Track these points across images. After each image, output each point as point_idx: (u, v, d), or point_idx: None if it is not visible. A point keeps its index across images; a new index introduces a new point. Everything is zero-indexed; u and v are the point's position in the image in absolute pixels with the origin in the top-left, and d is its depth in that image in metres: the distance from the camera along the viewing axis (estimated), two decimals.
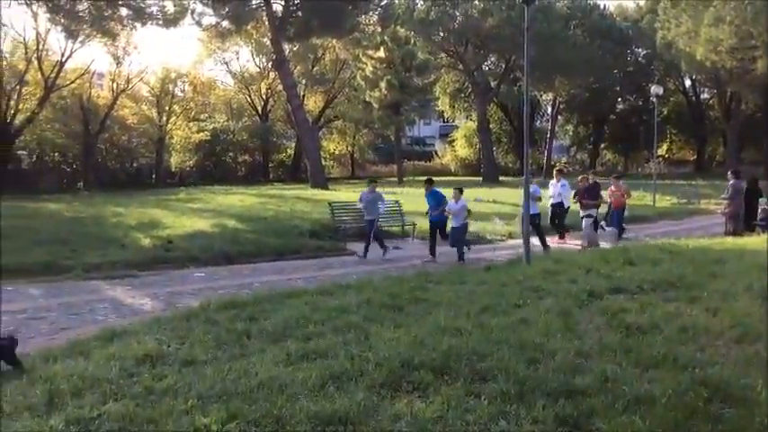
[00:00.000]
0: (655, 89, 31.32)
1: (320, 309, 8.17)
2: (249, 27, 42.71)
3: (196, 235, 16.77)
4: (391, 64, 44.27)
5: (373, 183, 16.40)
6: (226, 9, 37.39)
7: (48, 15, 35.70)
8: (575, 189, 18.01)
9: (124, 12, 36.12)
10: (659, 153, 55.60)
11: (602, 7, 57.27)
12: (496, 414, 4.78)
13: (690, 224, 22.97)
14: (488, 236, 18.64)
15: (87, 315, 9.44)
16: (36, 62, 40.27)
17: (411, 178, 49.09)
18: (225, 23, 39.43)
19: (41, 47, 40.45)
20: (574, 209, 18.02)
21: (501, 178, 50.09)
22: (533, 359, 5.94)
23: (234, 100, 58.38)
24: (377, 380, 5.42)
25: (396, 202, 19.42)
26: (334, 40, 48.45)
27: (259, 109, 58.01)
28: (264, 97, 57.89)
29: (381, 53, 44.16)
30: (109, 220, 19.01)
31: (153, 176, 49.39)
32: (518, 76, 55.58)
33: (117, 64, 45.05)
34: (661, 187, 32.21)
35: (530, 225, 14.06)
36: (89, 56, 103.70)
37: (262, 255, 15.08)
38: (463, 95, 61.15)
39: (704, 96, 64.20)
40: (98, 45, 40.47)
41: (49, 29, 39.07)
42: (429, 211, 15.46)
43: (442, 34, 50.64)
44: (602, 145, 68.35)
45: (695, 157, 63.98)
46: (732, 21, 37.34)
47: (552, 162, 62.28)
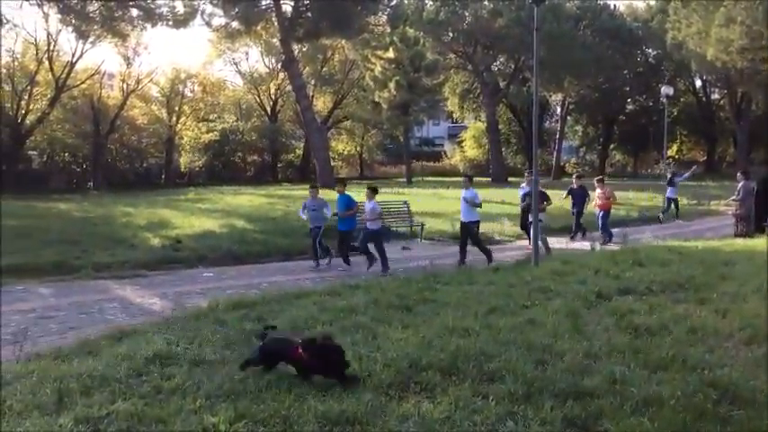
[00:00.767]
0: (665, 89, 31.23)
1: (328, 309, 8.18)
2: (258, 28, 42.74)
3: (205, 235, 16.83)
4: (400, 64, 44.20)
5: (314, 188, 14.96)
6: (235, 10, 37.47)
7: (59, 16, 35.94)
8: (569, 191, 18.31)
9: (134, 12, 36.32)
10: (669, 154, 55.34)
11: (611, 7, 57.09)
12: (504, 415, 4.78)
13: (700, 225, 22.84)
14: (497, 236, 18.60)
15: (96, 314, 9.48)
16: (47, 63, 40.54)
17: (420, 179, 49.08)
18: (234, 24, 39.51)
19: (52, 47, 40.74)
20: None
21: (510, 179, 49.96)
22: (541, 360, 5.94)
23: (243, 100, 58.51)
24: (384, 380, 5.43)
25: (404, 203, 19.41)
26: (343, 41, 48.45)
27: (268, 109, 58.10)
28: (273, 98, 57.98)
29: (390, 53, 44.11)
30: (118, 220, 19.08)
31: (162, 176, 49.60)
32: (527, 77, 55.45)
33: (127, 64, 45.36)
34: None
35: (465, 232, 13.81)
36: (99, 56, 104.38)
37: (270, 255, 15.12)
38: (472, 96, 61.02)
39: (714, 97, 63.89)
40: (108, 46, 40.75)
41: (60, 29, 39.41)
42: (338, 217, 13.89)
43: (452, 34, 50.60)
44: (611, 145, 68.04)
45: (705, 158, 63.63)
46: (743, 21, 37.13)
47: (562, 163, 62.20)
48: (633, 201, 30.11)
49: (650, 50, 59.97)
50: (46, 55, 40.43)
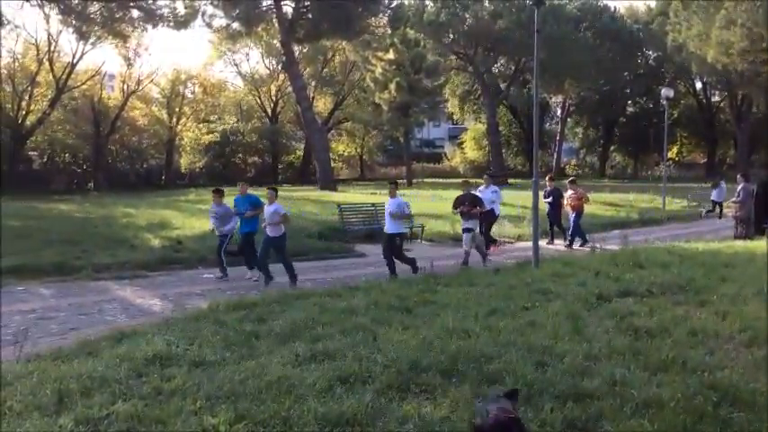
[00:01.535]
0: (665, 91, 31.11)
1: (328, 310, 8.19)
2: (259, 29, 42.78)
3: (205, 236, 16.81)
4: (401, 66, 44.20)
5: (217, 193, 13.56)
6: (236, 11, 37.48)
7: (59, 17, 35.99)
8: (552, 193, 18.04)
9: (135, 13, 36.38)
10: (669, 156, 55.36)
11: (612, 9, 57.15)
12: None
13: (700, 227, 22.83)
14: (497, 238, 18.59)
15: (97, 315, 9.48)
16: (48, 63, 40.58)
17: (420, 180, 49.08)
18: (235, 25, 39.53)
19: (53, 48, 40.78)
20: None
21: (510, 180, 49.96)
22: (541, 362, 5.94)
23: (243, 101, 58.52)
24: (385, 382, 5.43)
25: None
26: (343, 42, 48.45)
27: (268, 110, 58.12)
28: (274, 99, 58.00)
29: (391, 55, 44.11)
30: (119, 221, 19.09)
31: (163, 177, 49.62)
32: (528, 78, 55.50)
33: (128, 65, 45.36)
34: (671, 190, 32.01)
35: (387, 245, 12.36)
36: (100, 57, 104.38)
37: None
38: (473, 97, 61.04)
39: (715, 99, 63.91)
40: (109, 47, 40.83)
41: (61, 30, 39.45)
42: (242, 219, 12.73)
43: (452, 36, 50.58)
44: (611, 147, 68.09)
45: (706, 160, 63.65)
46: (743, 23, 37.15)
47: (562, 164, 62.21)
48: (633, 202, 30.11)
49: (651, 52, 60.02)
50: (46, 56, 40.47)
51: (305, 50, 51.04)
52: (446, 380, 5.52)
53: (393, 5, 46.85)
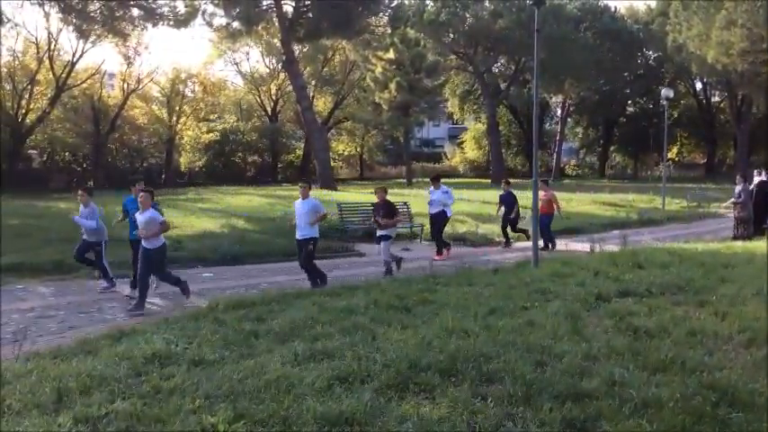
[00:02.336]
0: (665, 92, 31.15)
1: (328, 309, 8.19)
2: (259, 28, 42.77)
3: (205, 235, 16.84)
4: (401, 65, 44.21)
5: (84, 191, 11.69)
6: (236, 10, 37.50)
7: (60, 15, 36.00)
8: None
9: (135, 12, 36.37)
10: (669, 156, 55.39)
11: (612, 9, 57.17)
12: (503, 416, 4.78)
13: (699, 227, 22.85)
14: (497, 238, 18.61)
15: (96, 314, 9.49)
16: (48, 62, 40.53)
17: (420, 180, 49.08)
18: (235, 24, 39.54)
19: (53, 47, 40.71)
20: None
21: (510, 180, 49.92)
22: (540, 362, 5.94)
23: (243, 100, 58.53)
24: (384, 381, 5.43)
25: (404, 204, 19.41)
26: (343, 42, 48.45)
27: (268, 110, 58.12)
28: (274, 98, 58.01)
29: (391, 54, 44.12)
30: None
31: (162, 176, 49.56)
32: (528, 78, 55.53)
33: (128, 64, 45.28)
34: (671, 190, 32.04)
35: (302, 250, 11.25)
36: (100, 56, 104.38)
37: (270, 255, 15.08)
38: (473, 97, 61.08)
39: (715, 99, 64.01)
40: (109, 45, 40.77)
41: (61, 29, 39.40)
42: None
43: (452, 36, 50.63)
44: (611, 147, 68.15)
45: (705, 160, 63.73)
46: (743, 24, 37.17)
47: (562, 164, 62.23)
48: (633, 203, 30.15)
49: (651, 53, 60.09)
50: (46, 54, 40.41)
51: (305, 50, 51.04)
52: (445, 379, 5.52)
53: (393, 5, 46.90)
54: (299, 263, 11.42)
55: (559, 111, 63.14)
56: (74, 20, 35.21)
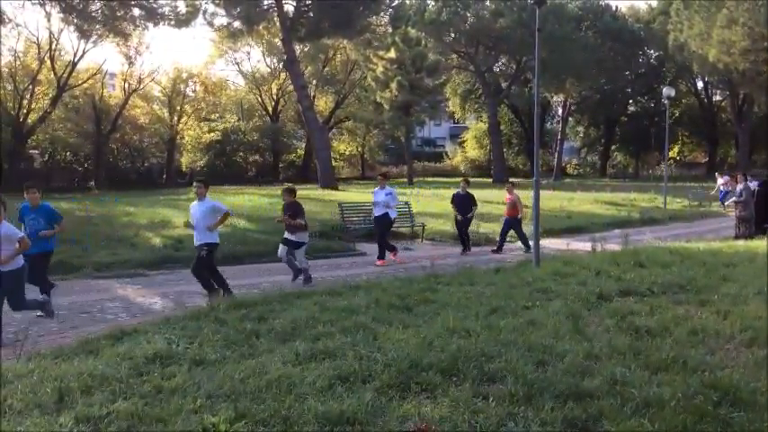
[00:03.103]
0: (666, 91, 31.12)
1: (329, 309, 8.18)
2: (260, 27, 42.81)
3: None
4: (402, 65, 44.18)
5: (31, 190, 9.76)
6: (237, 9, 37.51)
7: (61, 15, 36.04)
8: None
9: (136, 12, 36.42)
10: (670, 155, 55.35)
11: (613, 9, 57.14)
12: (504, 416, 4.78)
13: (701, 227, 22.84)
14: (497, 237, 18.57)
15: (97, 314, 9.49)
16: (49, 62, 40.59)
17: (421, 179, 49.10)
18: (236, 24, 39.57)
19: (54, 47, 40.75)
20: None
21: (511, 179, 49.92)
22: (542, 361, 5.94)
23: (245, 100, 58.57)
24: (385, 381, 5.42)
25: (405, 203, 19.42)
26: (344, 41, 48.49)
27: (270, 109, 58.15)
28: (275, 98, 58.03)
29: (392, 54, 44.09)
30: (119, 220, 19.09)
31: (163, 176, 49.64)
32: (529, 78, 55.51)
33: (129, 64, 45.39)
34: (672, 189, 32.03)
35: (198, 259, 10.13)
36: (101, 56, 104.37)
37: (271, 255, 15.07)
38: (474, 96, 61.06)
39: (716, 98, 63.95)
40: (110, 45, 40.90)
41: (62, 29, 39.46)
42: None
43: (453, 35, 50.62)
44: (612, 147, 68.13)
45: (707, 160, 63.67)
46: (745, 22, 37.14)
47: (563, 164, 62.20)
48: (634, 202, 30.14)
49: (652, 52, 60.05)
50: (48, 54, 40.46)
51: (306, 49, 51.05)
52: (446, 379, 5.51)
53: (394, 4, 46.89)
54: (191, 269, 10.24)
55: (561, 110, 63.11)
56: (75, 20, 35.27)
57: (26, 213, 9.69)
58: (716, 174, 33.25)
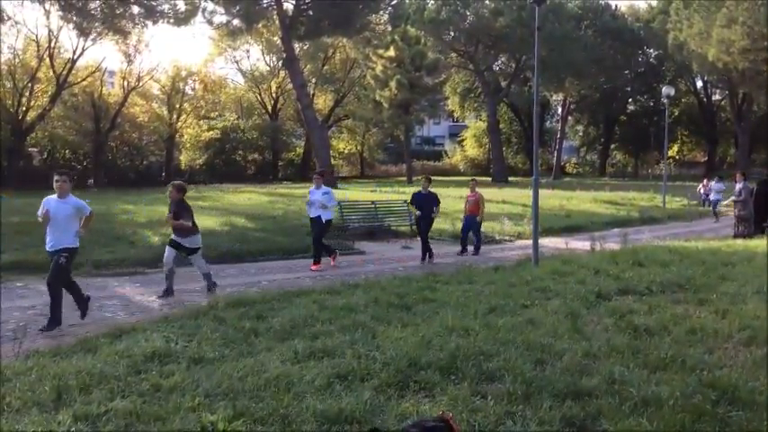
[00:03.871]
0: (666, 90, 31.15)
1: (328, 308, 8.18)
2: (260, 26, 42.79)
3: (204, 233, 16.77)
4: (401, 63, 44.25)
5: None
6: (237, 8, 37.47)
7: (60, 13, 35.99)
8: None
9: (136, 10, 36.37)
10: (670, 154, 55.37)
11: (613, 8, 57.17)
12: (503, 415, 4.78)
13: (700, 226, 22.84)
14: (497, 236, 18.59)
15: (96, 312, 9.46)
16: (48, 60, 40.54)
17: (420, 178, 49.12)
18: (236, 22, 39.53)
19: (53, 44, 40.70)
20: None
21: (510, 178, 49.99)
22: (540, 360, 5.94)
23: (244, 98, 58.56)
24: (384, 379, 5.43)
25: (405, 203, 19.43)
26: (344, 40, 48.49)
27: (269, 107, 58.14)
28: (274, 96, 58.01)
29: (391, 52, 44.15)
30: (118, 218, 19.08)
31: (163, 174, 49.59)
32: (528, 76, 55.53)
33: (128, 62, 45.33)
34: (671, 188, 32.04)
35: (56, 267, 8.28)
36: (100, 54, 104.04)
37: (270, 253, 15.08)
38: (473, 95, 61.09)
39: (716, 97, 63.98)
40: (109, 43, 40.85)
41: (62, 26, 39.42)
42: None
43: (453, 34, 50.64)
44: (612, 146, 68.17)
45: (706, 159, 63.70)
46: (744, 22, 37.15)
47: (562, 162, 62.18)
48: (634, 201, 30.15)
49: (651, 51, 60.09)
50: (47, 52, 40.41)
51: (305, 47, 51.04)
52: (445, 377, 5.52)
53: (394, 3, 46.86)
54: (47, 279, 8.36)
55: (560, 109, 63.15)
56: (74, 17, 35.22)
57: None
58: (704, 180, 33.14)
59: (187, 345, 6.59)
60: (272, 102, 58.21)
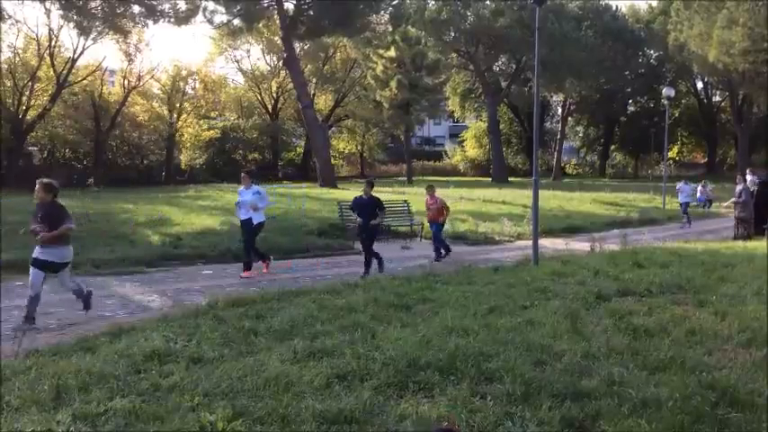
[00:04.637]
0: (666, 91, 31.16)
1: (327, 307, 8.18)
2: (260, 25, 42.76)
3: (205, 232, 16.84)
4: (402, 63, 44.20)
5: None
6: (237, 7, 37.45)
7: (60, 12, 35.96)
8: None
9: (136, 9, 36.33)
10: (670, 155, 55.36)
11: (613, 9, 57.12)
12: (502, 415, 4.78)
13: (699, 227, 22.84)
14: (497, 237, 18.59)
15: (95, 311, 9.47)
16: (48, 58, 40.49)
17: (420, 178, 49.08)
18: (236, 21, 39.49)
19: (54, 43, 40.66)
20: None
21: (510, 179, 49.99)
22: (540, 360, 5.94)
23: (244, 98, 58.47)
24: (383, 379, 5.43)
25: (404, 202, 19.42)
26: (344, 39, 48.45)
27: (269, 107, 58.09)
28: (275, 96, 57.97)
29: (392, 52, 44.10)
30: (118, 217, 19.07)
31: (163, 174, 49.54)
32: (529, 77, 55.50)
33: (128, 61, 45.24)
34: (671, 190, 31.99)
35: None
36: (101, 53, 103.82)
37: (270, 253, 15.07)
38: (473, 96, 61.06)
39: (716, 99, 64.00)
40: (110, 42, 40.73)
41: (62, 25, 39.34)
42: None
43: (453, 34, 50.61)
44: (612, 147, 68.14)
45: (706, 160, 63.71)
46: (745, 23, 37.15)
47: (562, 163, 62.18)
48: (633, 202, 30.16)
49: (652, 52, 60.05)
50: (47, 51, 40.36)
51: (306, 47, 51.00)
52: (444, 378, 5.52)
53: (394, 2, 46.79)
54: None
55: (560, 110, 63.14)
56: (74, 16, 35.19)
57: None
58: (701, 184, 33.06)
59: (186, 344, 6.58)
60: (273, 101, 58.15)
